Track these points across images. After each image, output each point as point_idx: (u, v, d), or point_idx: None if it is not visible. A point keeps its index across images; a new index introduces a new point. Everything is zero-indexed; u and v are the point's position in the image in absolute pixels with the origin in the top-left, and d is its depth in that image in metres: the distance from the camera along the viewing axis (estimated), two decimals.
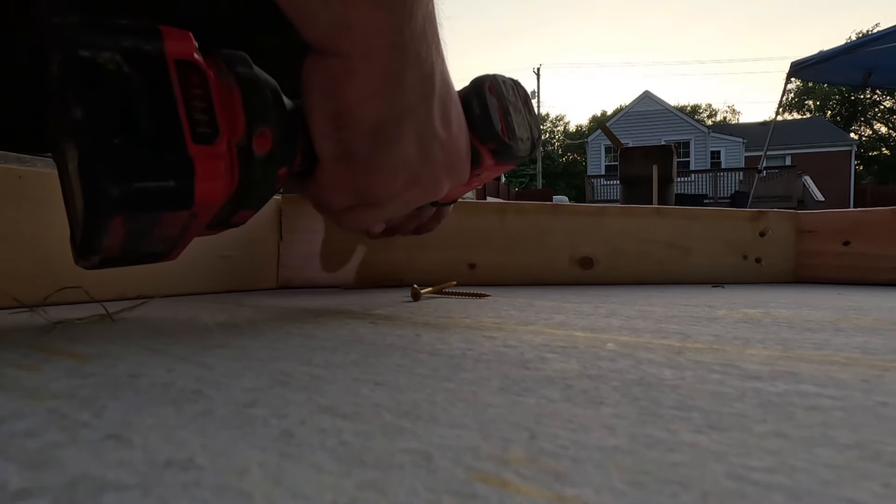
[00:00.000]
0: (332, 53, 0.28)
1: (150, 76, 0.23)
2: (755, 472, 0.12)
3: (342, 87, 0.28)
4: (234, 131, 0.26)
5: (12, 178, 0.35)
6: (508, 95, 0.36)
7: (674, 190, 4.65)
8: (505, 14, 58.78)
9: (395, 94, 0.29)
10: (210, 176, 0.24)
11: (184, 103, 0.24)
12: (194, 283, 0.47)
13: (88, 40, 0.22)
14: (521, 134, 0.36)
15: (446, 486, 0.11)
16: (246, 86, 0.26)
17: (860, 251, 0.70)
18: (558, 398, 0.17)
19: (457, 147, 0.34)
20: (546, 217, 0.64)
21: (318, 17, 0.26)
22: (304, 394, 0.17)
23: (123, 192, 0.23)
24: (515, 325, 0.32)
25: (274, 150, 0.27)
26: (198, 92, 0.24)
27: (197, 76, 0.24)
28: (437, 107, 0.31)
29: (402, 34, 0.28)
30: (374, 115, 0.29)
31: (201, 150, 0.24)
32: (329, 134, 0.30)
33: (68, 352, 0.22)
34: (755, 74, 41.82)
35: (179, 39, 0.24)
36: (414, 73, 0.29)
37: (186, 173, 0.24)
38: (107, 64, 0.22)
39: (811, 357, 0.24)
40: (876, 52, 5.11)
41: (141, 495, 0.11)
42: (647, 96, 17.16)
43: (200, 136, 0.24)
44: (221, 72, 0.26)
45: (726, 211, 0.72)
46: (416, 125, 0.31)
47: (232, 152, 0.25)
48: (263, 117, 0.26)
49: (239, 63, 0.26)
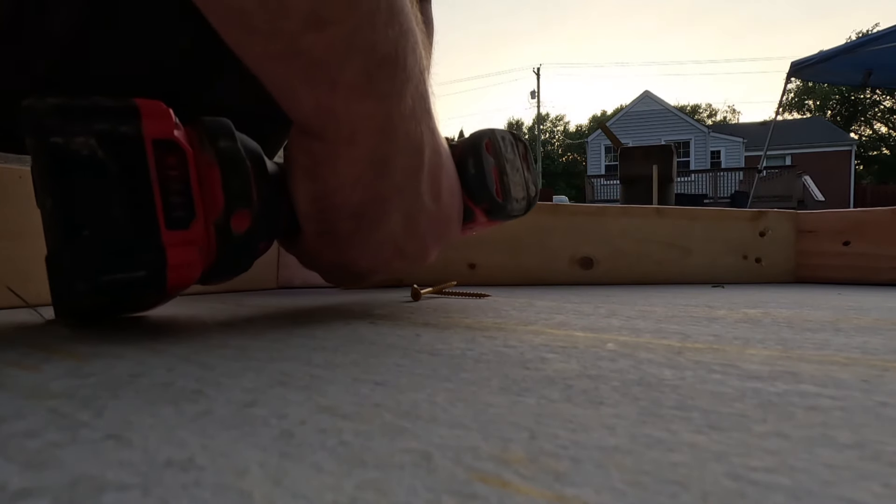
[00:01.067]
0: (316, 136, 0.26)
1: (126, 161, 0.22)
2: (755, 472, 0.12)
3: (325, 171, 0.27)
4: (211, 210, 0.25)
5: (12, 178, 0.35)
6: (506, 153, 0.36)
7: (674, 190, 4.66)
8: (505, 14, 58.74)
9: (380, 177, 0.28)
10: (183, 263, 0.24)
11: (159, 186, 0.23)
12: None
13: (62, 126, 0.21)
14: (517, 194, 0.36)
15: (446, 486, 0.11)
16: (226, 164, 0.25)
17: (860, 251, 0.70)
18: (558, 398, 0.17)
19: (446, 214, 0.33)
20: (546, 217, 0.64)
21: (303, 103, 0.25)
22: (304, 394, 0.17)
23: (90, 286, 0.22)
24: (515, 325, 0.32)
25: (253, 228, 0.26)
26: (175, 174, 0.23)
27: (175, 156, 0.23)
28: (425, 182, 0.30)
29: (391, 119, 0.26)
30: (359, 199, 0.28)
31: (175, 236, 0.23)
32: (311, 214, 0.29)
33: (68, 352, 0.22)
34: (755, 74, 41.82)
35: (158, 118, 0.23)
36: (402, 154, 0.28)
37: (158, 263, 0.23)
38: (80, 150, 0.21)
39: (811, 357, 0.24)
40: (876, 52, 5.11)
41: (141, 495, 0.11)
42: (647, 96, 17.16)
43: (175, 220, 0.23)
44: (203, 146, 0.25)
45: (726, 211, 0.72)
46: (403, 203, 0.29)
47: (209, 231, 0.25)
48: (243, 199, 0.25)
49: (221, 136, 0.25)
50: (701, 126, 17.24)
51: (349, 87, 0.24)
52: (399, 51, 0.25)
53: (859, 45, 5.46)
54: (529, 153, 0.38)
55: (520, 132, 12.49)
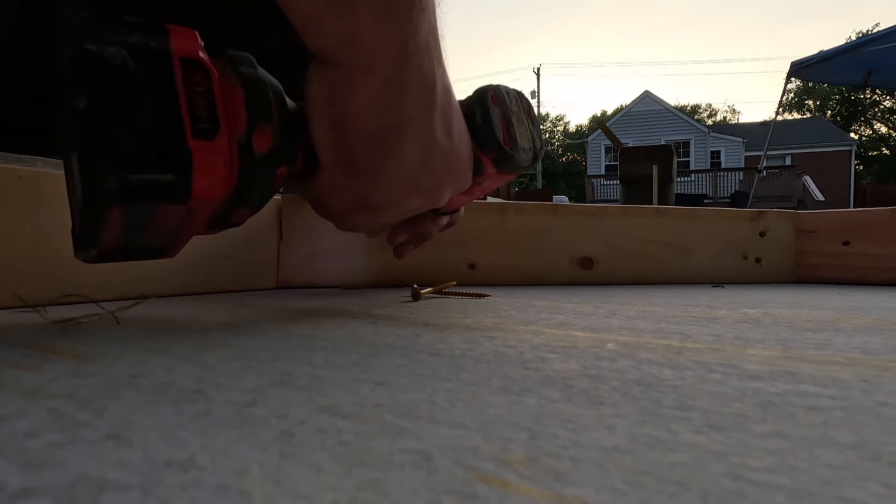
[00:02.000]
0: (335, 64, 0.28)
1: (155, 72, 0.23)
2: (755, 472, 0.12)
3: (343, 97, 0.28)
4: (234, 128, 0.26)
5: (12, 178, 0.35)
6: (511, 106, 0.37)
7: (674, 190, 4.66)
8: (505, 14, 58.74)
9: (396, 105, 0.29)
10: (208, 170, 0.25)
11: (186, 99, 0.24)
12: (194, 283, 0.47)
13: (96, 35, 0.22)
14: (523, 144, 0.37)
15: (446, 486, 0.11)
16: (249, 85, 0.26)
17: (860, 251, 0.70)
18: (558, 398, 0.17)
19: (458, 155, 0.34)
20: (546, 217, 0.64)
21: (324, 28, 0.26)
22: (304, 394, 0.17)
23: (121, 183, 0.23)
24: (515, 325, 0.32)
25: (274, 149, 0.27)
26: (201, 89, 0.24)
27: (201, 74, 0.25)
28: (438, 117, 0.31)
29: (406, 47, 0.27)
30: (375, 125, 0.29)
31: (201, 144, 0.24)
32: (329, 142, 0.30)
33: (68, 352, 0.22)
34: (755, 74, 41.81)
35: (185, 37, 0.24)
36: (416, 85, 0.29)
37: (185, 167, 0.24)
38: (112, 58, 0.22)
39: (811, 357, 0.24)
40: (876, 52, 5.11)
41: (141, 495, 0.11)
42: (647, 96, 17.16)
43: (201, 131, 0.24)
44: (226, 71, 0.26)
45: (726, 211, 0.72)
46: (417, 135, 0.31)
47: (232, 149, 0.26)
48: (265, 116, 0.26)
49: (244, 63, 0.27)
50: (701, 126, 17.24)
51: (369, 12, 0.26)
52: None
53: (859, 45, 5.46)
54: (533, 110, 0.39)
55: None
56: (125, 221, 0.24)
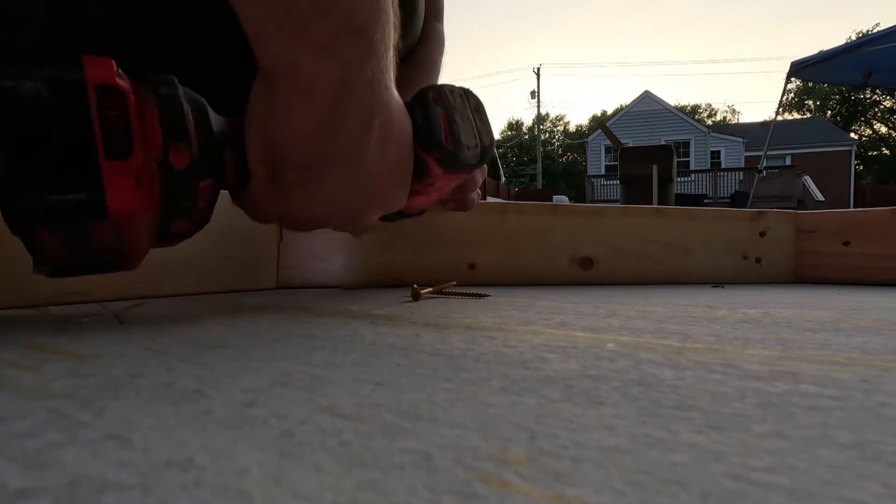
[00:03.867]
0: (276, 85, 0.28)
1: (69, 100, 0.25)
2: (755, 472, 0.12)
3: (280, 120, 0.29)
4: (151, 147, 0.27)
5: None
6: (455, 104, 0.37)
7: (674, 190, 4.65)
8: (505, 14, 58.73)
9: (330, 136, 0.29)
10: (121, 188, 0.26)
11: (100, 122, 0.25)
12: (194, 284, 0.47)
13: (13, 71, 0.24)
14: (468, 141, 0.37)
15: (446, 486, 0.11)
16: (165, 105, 0.27)
17: (860, 251, 0.70)
18: (558, 398, 0.17)
19: (388, 182, 0.34)
20: (546, 217, 0.64)
21: (271, 48, 0.27)
22: (304, 394, 0.17)
23: (34, 204, 0.24)
24: (515, 325, 0.32)
25: (193, 164, 0.28)
26: (115, 112, 0.26)
27: (116, 98, 0.26)
28: (373, 148, 0.31)
29: (347, 84, 0.28)
30: (307, 152, 0.30)
31: (113, 164, 0.26)
32: (262, 159, 0.30)
33: (68, 352, 0.22)
34: (755, 74, 41.81)
35: (101, 66, 0.26)
36: (353, 120, 0.29)
37: (96, 185, 0.25)
38: (28, 91, 0.24)
39: (811, 357, 0.24)
40: (876, 52, 5.10)
41: (141, 495, 0.11)
42: (647, 96, 17.16)
43: (114, 151, 0.26)
44: (145, 93, 0.27)
45: (726, 211, 0.72)
46: (348, 165, 0.31)
47: (150, 166, 0.27)
48: (180, 134, 0.27)
49: (164, 85, 0.28)
50: (701, 126, 17.24)
51: (317, 44, 0.26)
52: (370, 24, 0.27)
53: (859, 44, 5.46)
54: (482, 107, 0.39)
55: (520, 131, 12.36)
56: (59, 239, 0.26)
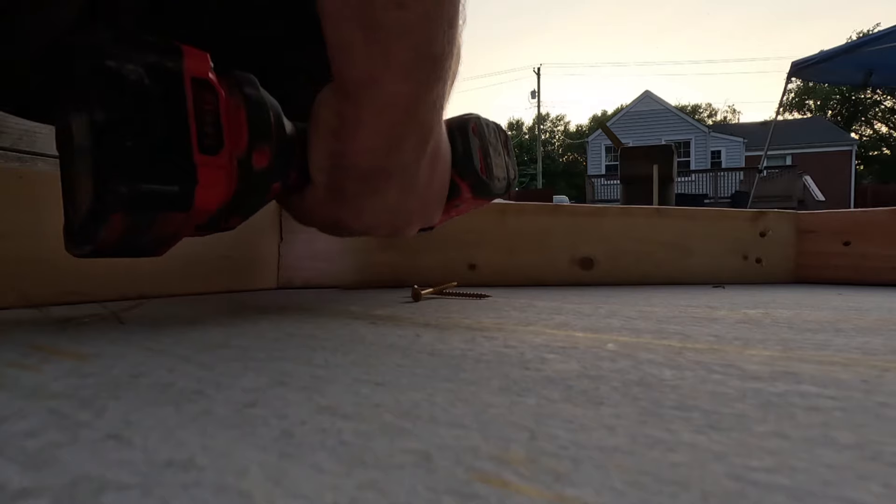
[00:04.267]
0: (351, 98, 0.29)
1: (168, 90, 0.25)
2: (755, 472, 0.12)
3: (348, 132, 0.30)
4: (237, 145, 0.28)
5: (12, 177, 0.36)
6: (490, 137, 0.39)
7: (674, 190, 4.65)
8: (505, 14, 58.75)
9: (393, 153, 0.31)
10: (210, 183, 0.26)
11: (195, 116, 0.26)
12: (195, 284, 0.47)
13: (116, 52, 0.24)
14: (499, 174, 0.39)
15: (446, 486, 0.11)
16: (252, 106, 0.28)
17: (861, 251, 0.70)
18: (558, 398, 0.17)
19: (434, 197, 0.36)
20: (546, 217, 0.64)
21: (356, 66, 0.28)
22: (305, 394, 0.17)
23: (130, 191, 0.24)
24: (515, 325, 0.32)
25: (271, 166, 0.29)
26: (209, 107, 0.26)
27: (209, 93, 0.26)
28: (425, 166, 0.33)
29: (417, 103, 0.30)
30: (370, 166, 0.31)
31: (205, 159, 0.26)
32: (324, 168, 0.32)
33: (69, 352, 0.23)
34: (755, 74, 41.80)
35: (198, 59, 0.26)
36: (414, 138, 0.31)
37: (190, 179, 0.26)
38: (129, 75, 0.24)
39: (811, 357, 0.24)
40: (876, 52, 5.10)
41: (141, 495, 0.11)
42: (648, 96, 17.16)
43: (206, 147, 0.26)
44: (232, 91, 0.28)
45: (727, 211, 0.72)
46: (403, 180, 0.33)
47: (233, 164, 0.28)
48: (265, 136, 0.28)
49: (248, 85, 0.28)
50: (701, 126, 17.23)
51: (398, 66, 0.28)
52: (445, 53, 0.29)
53: (860, 44, 5.45)
54: (510, 143, 0.42)
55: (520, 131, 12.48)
56: (126, 225, 0.26)
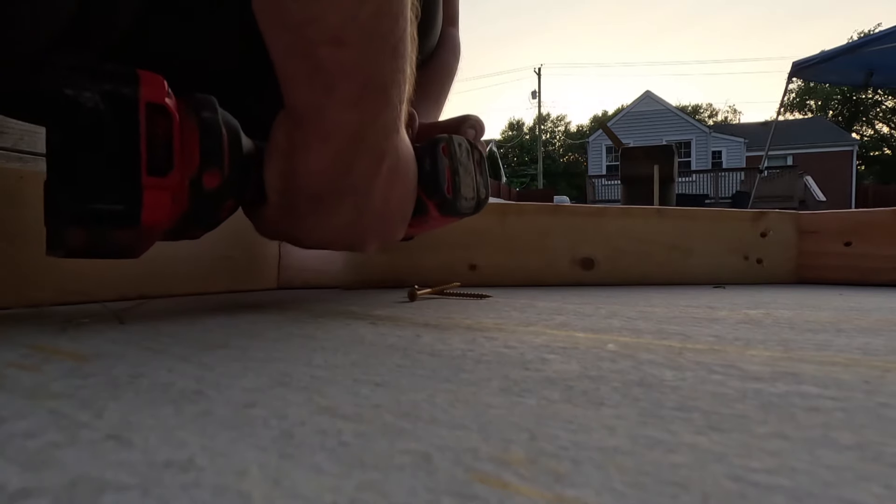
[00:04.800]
0: (299, 123, 0.30)
1: (122, 115, 0.26)
2: (756, 473, 0.12)
3: (299, 156, 0.31)
4: (188, 167, 0.29)
5: (13, 178, 0.36)
6: (461, 157, 0.40)
7: (675, 190, 4.65)
8: (505, 14, 58.78)
9: (342, 175, 0.32)
10: (157, 204, 0.28)
11: (146, 139, 0.27)
12: (195, 284, 0.47)
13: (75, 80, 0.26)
14: (467, 193, 0.40)
15: (446, 487, 0.11)
16: (205, 130, 0.29)
17: (862, 252, 0.70)
18: (559, 399, 0.17)
19: (391, 218, 0.37)
20: (547, 218, 0.64)
21: (300, 96, 0.29)
22: (304, 394, 0.17)
23: (77, 210, 0.26)
24: (516, 325, 0.32)
25: (222, 186, 0.30)
26: (161, 131, 0.27)
27: (163, 118, 0.28)
28: (379, 188, 0.34)
29: (363, 131, 0.30)
30: (319, 187, 0.32)
31: (153, 181, 0.27)
32: (277, 187, 0.33)
33: (69, 352, 0.23)
34: (756, 74, 41.79)
35: (154, 85, 0.27)
36: (364, 162, 0.32)
37: (135, 200, 0.27)
38: (86, 102, 0.26)
39: (812, 358, 0.24)
40: (878, 52, 5.09)
41: (140, 496, 0.11)
42: (648, 96, 17.15)
43: (155, 168, 0.27)
44: (188, 114, 0.29)
45: (727, 211, 0.72)
46: (356, 201, 0.34)
47: (184, 184, 0.29)
48: (216, 159, 0.30)
49: (205, 108, 0.29)
50: (702, 126, 17.22)
51: (341, 97, 0.29)
52: (389, 83, 0.30)
53: (861, 45, 5.44)
54: (484, 161, 0.43)
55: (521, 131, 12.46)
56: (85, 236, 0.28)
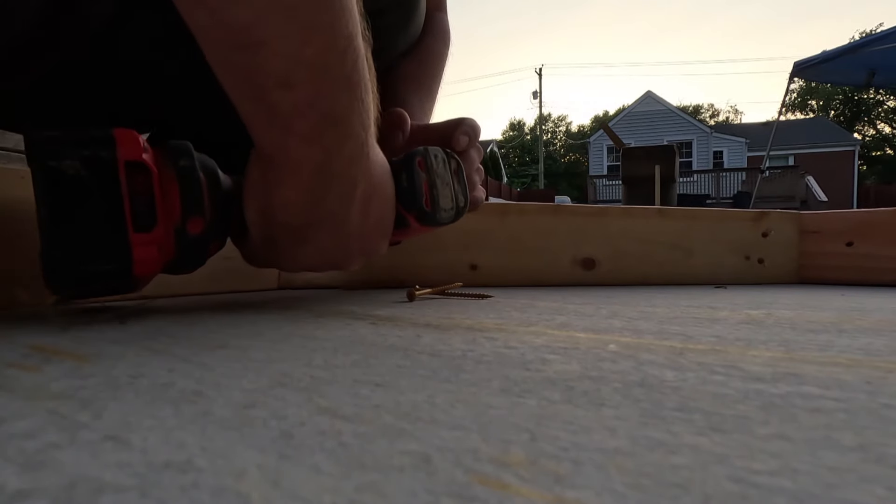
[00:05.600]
0: (268, 162, 0.31)
1: (103, 178, 0.27)
2: (757, 474, 0.12)
3: (271, 191, 0.32)
4: (171, 218, 0.30)
5: (15, 178, 0.36)
6: (437, 169, 0.41)
7: (676, 190, 4.64)
8: (506, 14, 58.78)
9: (315, 205, 0.33)
10: (146, 259, 0.29)
11: (129, 198, 0.28)
12: (195, 284, 0.47)
13: (55, 152, 0.27)
14: (444, 204, 0.41)
15: (446, 488, 0.11)
16: (184, 180, 0.30)
17: (863, 252, 0.70)
18: (559, 400, 0.17)
19: (371, 234, 0.38)
20: (548, 218, 0.64)
21: (263, 136, 0.30)
22: (304, 395, 0.17)
23: (72, 274, 0.28)
24: (516, 326, 0.32)
25: (206, 231, 0.31)
26: (141, 188, 0.28)
27: (142, 174, 0.28)
28: (355, 210, 0.35)
29: (329, 163, 0.31)
30: (295, 219, 0.33)
31: (140, 238, 0.28)
32: (256, 222, 0.34)
33: (69, 352, 0.22)
34: (758, 74, 41.75)
35: (130, 143, 0.28)
36: (336, 191, 0.33)
37: (126, 257, 0.28)
38: (68, 171, 0.27)
39: (814, 359, 0.23)
40: (879, 52, 5.09)
41: (138, 497, 0.11)
42: (650, 96, 17.14)
43: (141, 225, 0.28)
44: (166, 164, 0.30)
45: (729, 211, 0.72)
46: (333, 227, 0.34)
47: (169, 234, 0.30)
48: (197, 207, 0.31)
49: (182, 156, 0.30)
50: (703, 126, 17.21)
51: (301, 134, 0.29)
52: (347, 114, 0.30)
53: (863, 44, 5.43)
54: (461, 169, 0.43)
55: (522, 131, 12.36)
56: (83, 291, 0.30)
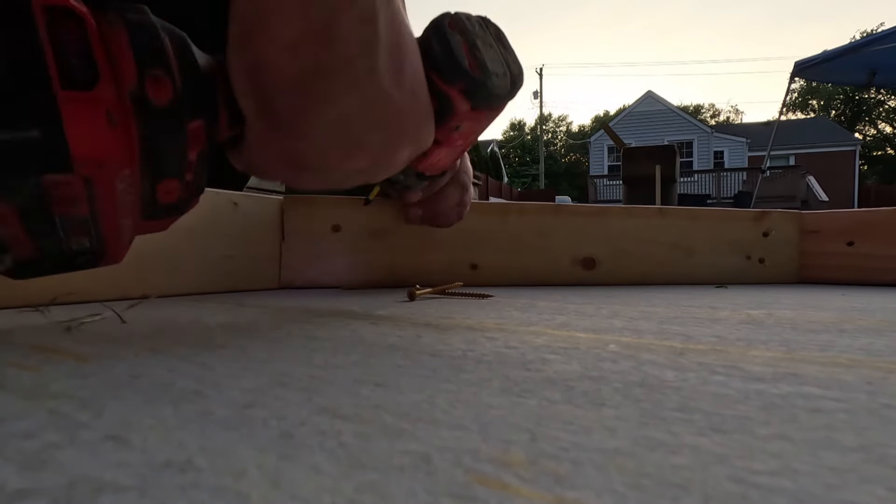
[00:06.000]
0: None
1: (12, 22, 0.21)
2: (758, 475, 0.12)
3: (258, 36, 0.24)
4: (122, 76, 0.23)
5: None
6: (475, 30, 0.32)
7: (677, 190, 4.64)
8: (506, 14, 58.81)
9: (321, 43, 0.24)
10: (86, 125, 0.22)
11: (51, 47, 0.21)
12: (195, 283, 0.47)
13: None
14: (496, 68, 0.32)
15: (446, 488, 0.11)
16: (135, 28, 0.23)
17: (864, 251, 0.70)
18: (559, 400, 0.17)
19: (413, 105, 0.28)
20: (548, 217, 0.64)
21: None
22: (304, 395, 0.17)
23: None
24: (517, 325, 0.32)
25: (178, 99, 0.23)
26: (72, 37, 0.22)
27: (72, 21, 0.22)
28: (383, 58, 0.26)
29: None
30: (296, 68, 0.25)
31: (73, 95, 0.21)
32: (247, 90, 0.26)
33: (69, 352, 0.22)
34: (758, 74, 41.73)
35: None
36: (347, 19, 0.24)
37: (52, 119, 0.21)
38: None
39: (815, 359, 0.23)
40: (880, 52, 5.08)
41: (138, 497, 0.11)
42: (650, 96, 17.13)
43: (72, 80, 0.21)
44: (110, 19, 0.23)
45: (729, 211, 0.72)
46: (355, 80, 0.26)
47: (123, 101, 0.23)
48: (157, 60, 0.23)
49: (132, 11, 0.23)
50: (704, 126, 17.20)
51: None
52: None
53: (864, 44, 5.43)
54: (504, 35, 0.34)
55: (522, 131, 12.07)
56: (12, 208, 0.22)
